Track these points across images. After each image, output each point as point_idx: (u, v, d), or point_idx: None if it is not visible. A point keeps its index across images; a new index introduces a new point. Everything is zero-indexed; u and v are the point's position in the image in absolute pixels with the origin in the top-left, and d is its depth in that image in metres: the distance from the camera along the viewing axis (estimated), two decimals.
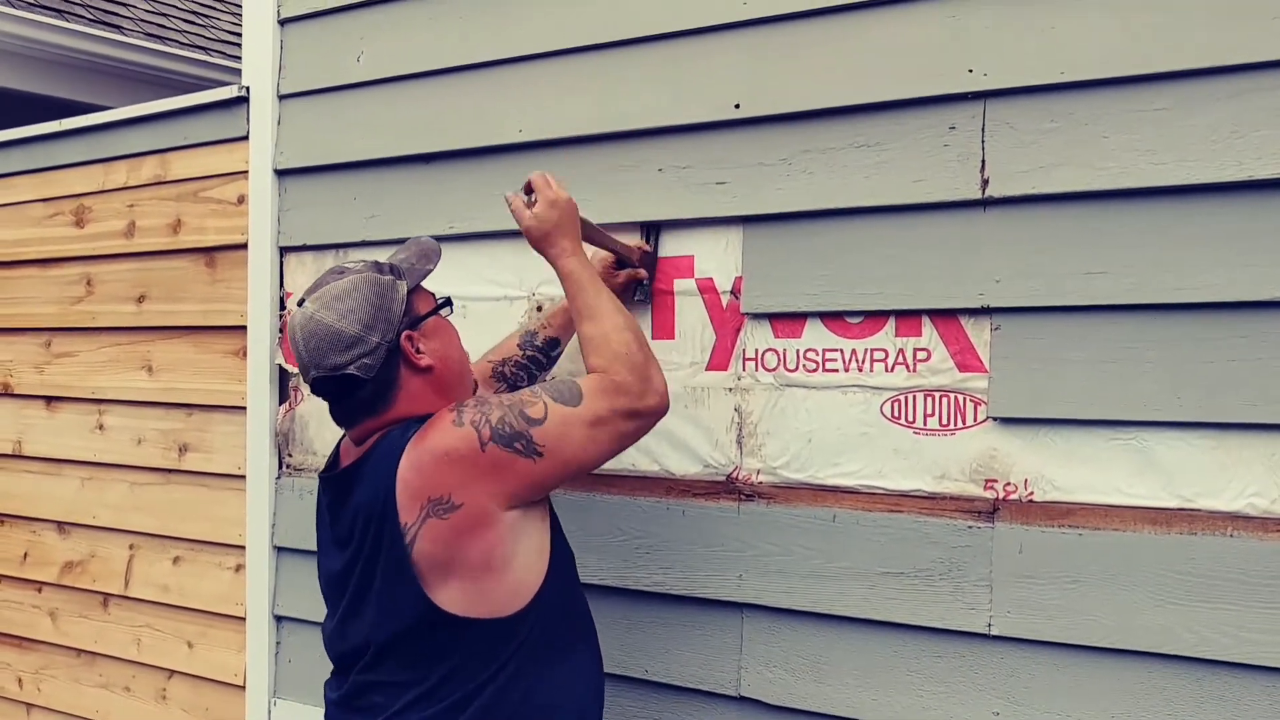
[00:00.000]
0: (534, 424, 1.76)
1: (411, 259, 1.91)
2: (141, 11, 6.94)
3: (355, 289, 1.80)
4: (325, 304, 1.79)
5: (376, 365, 1.79)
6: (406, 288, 1.84)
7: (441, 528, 1.72)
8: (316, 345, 1.79)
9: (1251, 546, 1.76)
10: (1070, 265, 1.88)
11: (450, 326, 1.93)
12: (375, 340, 1.78)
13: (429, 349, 1.85)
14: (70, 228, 3.44)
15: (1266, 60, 1.73)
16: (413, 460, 1.74)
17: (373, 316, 1.78)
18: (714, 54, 2.21)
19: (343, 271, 1.84)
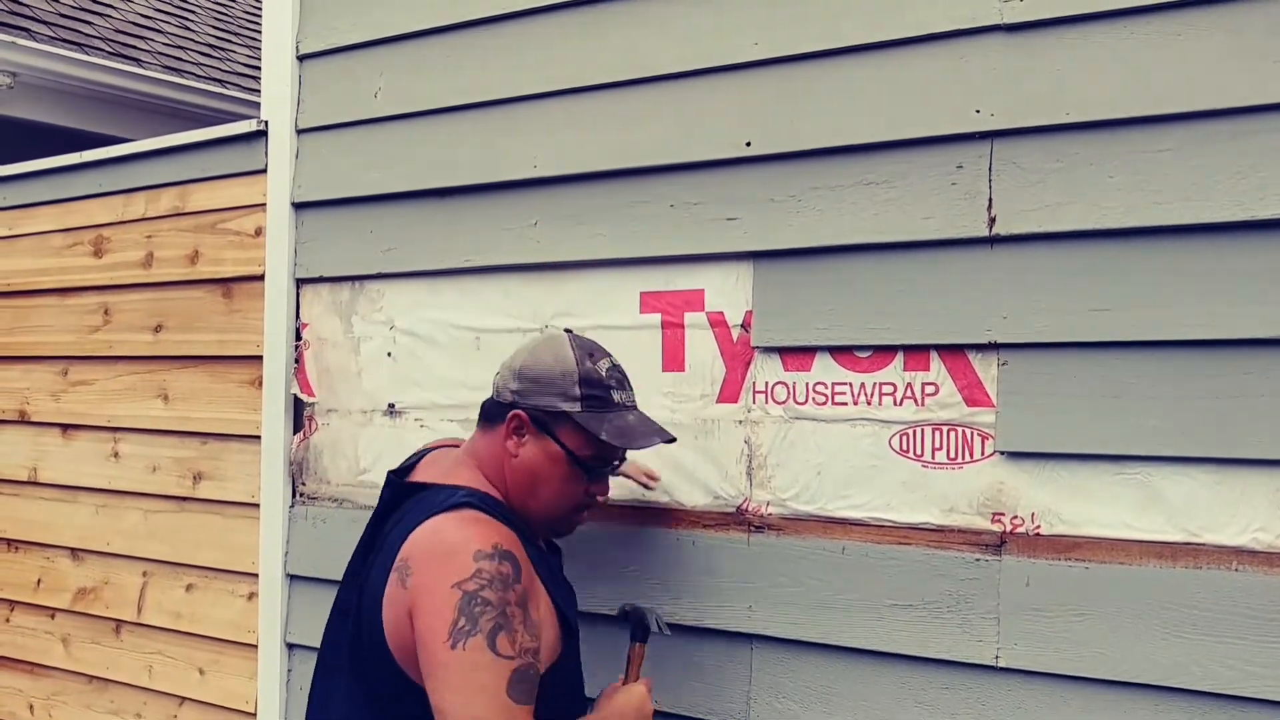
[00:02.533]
0: (489, 641, 1.63)
1: (640, 429, 1.94)
2: (159, 45, 7.03)
3: (558, 356, 1.90)
4: (536, 348, 1.94)
5: (497, 404, 1.92)
6: (574, 408, 1.87)
7: (394, 588, 1.74)
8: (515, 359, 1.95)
9: (1256, 581, 1.78)
10: (1076, 302, 1.91)
11: (566, 472, 1.90)
12: (512, 387, 1.90)
13: (527, 452, 1.89)
14: (89, 257, 3.49)
15: (1267, 103, 1.76)
16: (432, 527, 1.76)
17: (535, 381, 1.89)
18: (726, 93, 2.25)
19: (594, 355, 1.93)
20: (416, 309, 2.71)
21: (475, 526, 1.74)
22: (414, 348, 2.71)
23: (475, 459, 1.92)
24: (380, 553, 1.84)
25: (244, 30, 8.11)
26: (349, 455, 2.84)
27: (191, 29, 7.66)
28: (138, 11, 7.35)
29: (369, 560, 1.89)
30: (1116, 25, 1.88)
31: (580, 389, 1.86)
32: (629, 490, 2.37)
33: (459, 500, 1.79)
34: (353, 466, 2.83)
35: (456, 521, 1.75)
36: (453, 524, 1.74)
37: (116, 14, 7.08)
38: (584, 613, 2.38)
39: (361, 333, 2.81)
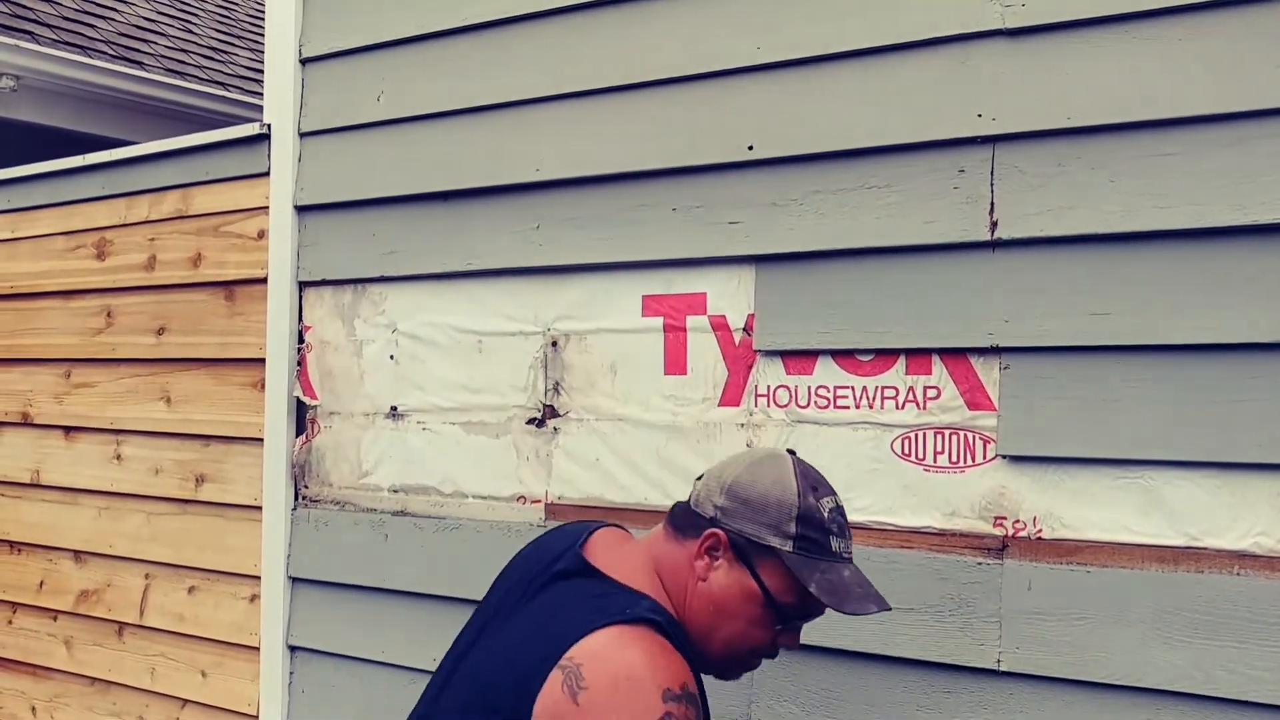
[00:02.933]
0: None
1: (852, 589, 1.61)
2: (162, 48, 7.04)
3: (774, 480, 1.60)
4: (753, 465, 1.63)
5: (694, 514, 1.63)
6: (785, 547, 1.57)
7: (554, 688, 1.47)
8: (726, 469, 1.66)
9: (1258, 585, 1.78)
10: (1078, 306, 1.91)
11: (758, 614, 1.60)
12: (717, 501, 1.61)
13: (718, 579, 1.59)
14: (92, 260, 3.50)
15: (1269, 108, 1.76)
16: (619, 639, 1.48)
17: (746, 504, 1.59)
18: (728, 97, 2.25)
19: (817, 489, 1.62)
20: (419, 312, 2.72)
21: (664, 658, 1.49)
22: (416, 351, 2.72)
23: (656, 565, 1.64)
24: (533, 624, 1.60)
25: (246, 33, 8.13)
26: (351, 458, 2.84)
27: (194, 32, 7.67)
28: (140, 14, 7.36)
29: (512, 622, 1.64)
30: (1118, 30, 1.88)
31: (796, 526, 1.57)
32: (629, 494, 2.37)
33: (644, 615, 1.52)
34: (355, 469, 2.83)
35: (643, 646, 1.48)
36: (640, 649, 1.48)
37: (119, 17, 7.10)
38: None
39: (364, 336, 2.82)
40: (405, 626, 2.70)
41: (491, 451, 2.59)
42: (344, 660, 2.83)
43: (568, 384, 2.48)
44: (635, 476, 2.38)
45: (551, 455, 2.50)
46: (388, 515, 2.75)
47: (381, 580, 2.74)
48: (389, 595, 2.74)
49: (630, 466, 2.39)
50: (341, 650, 2.83)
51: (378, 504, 2.78)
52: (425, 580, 2.66)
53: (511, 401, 2.56)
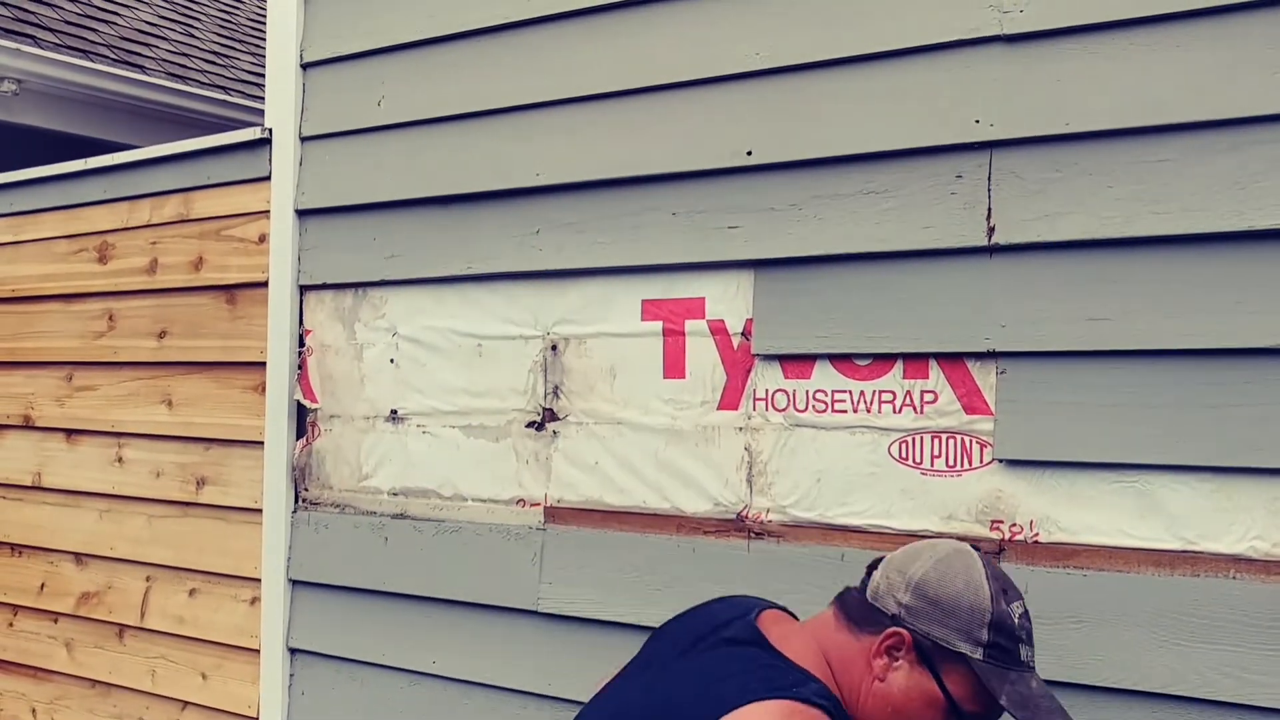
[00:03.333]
0: None
1: (1042, 694, 1.53)
2: (164, 52, 7.06)
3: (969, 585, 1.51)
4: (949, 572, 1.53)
5: (873, 609, 1.54)
6: (976, 655, 1.49)
7: None
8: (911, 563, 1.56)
9: (1253, 589, 1.79)
10: (1075, 311, 1.92)
11: (935, 718, 1.52)
12: (903, 599, 1.52)
13: (897, 681, 1.51)
14: (94, 264, 3.51)
15: (1266, 114, 1.77)
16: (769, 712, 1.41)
17: (937, 605, 1.50)
18: (728, 102, 2.26)
19: (1008, 594, 1.53)
20: (419, 316, 2.73)
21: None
22: (417, 354, 2.73)
23: (825, 652, 1.56)
24: (698, 682, 1.53)
25: (248, 38, 8.14)
26: (351, 461, 2.85)
27: (196, 36, 7.68)
28: (142, 19, 7.38)
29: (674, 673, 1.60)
30: (1116, 36, 1.89)
31: (989, 634, 1.49)
32: (629, 497, 2.38)
33: (812, 698, 1.45)
34: (355, 472, 2.84)
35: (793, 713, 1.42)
36: None
37: (121, 21, 7.11)
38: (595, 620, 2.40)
39: (364, 339, 2.83)
40: (405, 629, 2.71)
41: (491, 455, 2.60)
42: (344, 663, 2.83)
43: (567, 388, 2.49)
44: (634, 480, 2.39)
45: (551, 459, 2.51)
46: (387, 518, 2.76)
47: (381, 583, 2.75)
48: (389, 598, 2.75)
49: (629, 470, 2.40)
50: (341, 653, 2.84)
51: (378, 507, 2.79)
52: (425, 583, 2.67)
53: (511, 405, 2.57)
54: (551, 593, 2.47)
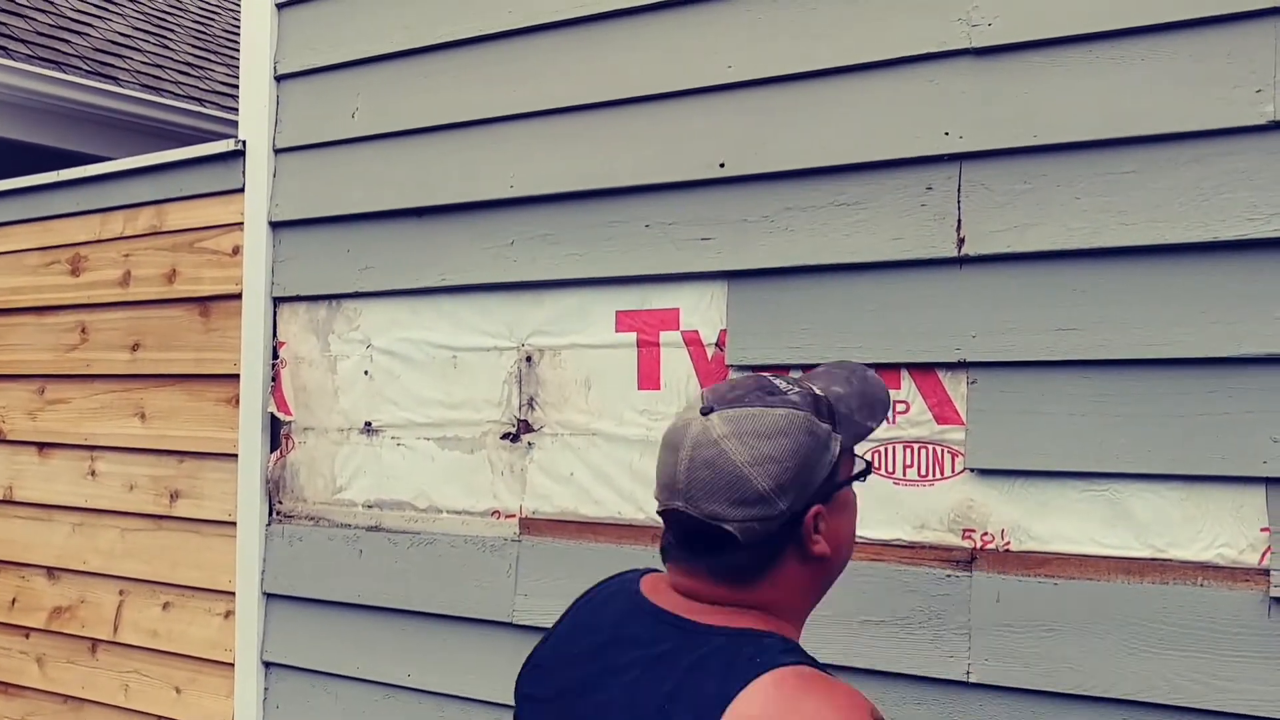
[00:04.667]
0: None
1: (851, 401, 1.41)
2: (138, 63, 7.03)
3: (787, 431, 1.31)
4: (741, 434, 1.30)
5: (764, 534, 1.31)
6: (839, 447, 1.36)
7: None
8: (707, 480, 1.30)
9: (1221, 596, 1.81)
10: (1044, 322, 1.94)
11: (854, 503, 1.44)
12: (781, 507, 1.30)
13: (829, 529, 1.35)
14: (66, 276, 3.49)
15: (1229, 127, 1.80)
16: (780, 694, 1.22)
17: (792, 478, 1.30)
18: (700, 114, 2.28)
19: (773, 393, 1.34)
20: (393, 328, 2.73)
21: (842, 696, 1.25)
22: (391, 367, 2.73)
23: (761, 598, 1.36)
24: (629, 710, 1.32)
25: (223, 49, 8.12)
26: (326, 474, 2.84)
27: (170, 48, 7.66)
28: (116, 30, 7.35)
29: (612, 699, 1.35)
30: (1082, 49, 1.92)
31: (826, 426, 1.35)
32: (604, 508, 2.38)
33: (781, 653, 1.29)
34: (329, 485, 2.83)
35: (814, 690, 1.24)
36: (813, 695, 1.23)
37: (95, 32, 7.08)
38: None
39: (338, 351, 2.82)
40: (380, 642, 2.70)
41: (466, 467, 2.60)
42: (319, 676, 2.82)
43: (542, 399, 2.50)
44: (609, 491, 2.40)
45: (526, 470, 2.51)
46: (362, 531, 2.75)
47: (356, 596, 2.74)
48: (364, 611, 2.74)
49: (604, 481, 2.40)
50: (316, 666, 2.82)
51: (352, 519, 2.78)
52: (400, 596, 2.66)
53: (486, 417, 2.57)
54: (527, 605, 2.47)
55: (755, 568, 1.34)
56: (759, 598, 1.35)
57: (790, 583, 1.36)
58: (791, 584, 1.36)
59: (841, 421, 1.37)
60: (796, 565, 1.35)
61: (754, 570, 1.34)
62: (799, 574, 1.36)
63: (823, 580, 1.41)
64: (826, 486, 1.34)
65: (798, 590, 1.38)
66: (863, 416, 1.41)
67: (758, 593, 1.35)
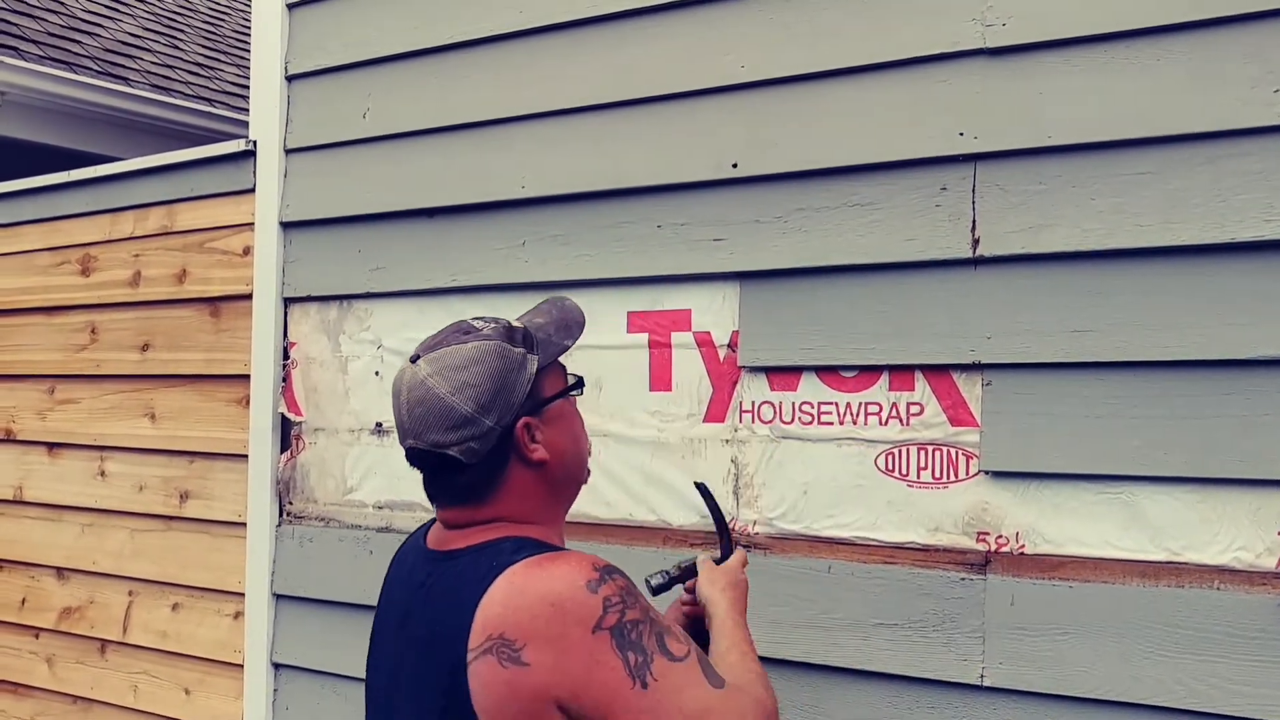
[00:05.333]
0: (664, 653, 1.42)
1: (549, 327, 1.62)
2: (148, 64, 7.04)
3: (479, 359, 1.51)
4: (442, 370, 1.51)
5: (484, 451, 1.51)
6: (536, 365, 1.56)
7: (494, 674, 1.39)
8: (421, 415, 1.51)
9: (1238, 599, 1.79)
10: (1059, 323, 1.93)
11: (574, 413, 1.63)
12: (489, 424, 1.50)
13: (547, 438, 1.55)
14: (76, 276, 3.49)
15: (1244, 127, 1.79)
16: (513, 585, 1.42)
17: (491, 397, 1.50)
18: (713, 115, 2.27)
19: (468, 332, 1.56)
20: (404, 328, 2.72)
21: (561, 564, 1.44)
22: None
23: (499, 511, 1.55)
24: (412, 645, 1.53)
25: (233, 49, 8.13)
26: (336, 474, 2.84)
27: (180, 48, 7.67)
28: (127, 31, 7.36)
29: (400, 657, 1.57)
30: (1097, 49, 1.91)
31: (520, 350, 1.55)
32: (615, 510, 2.38)
33: (513, 553, 1.47)
34: (340, 486, 2.83)
35: (537, 571, 1.43)
36: (536, 575, 1.42)
37: (105, 33, 7.10)
38: None
39: (349, 352, 2.82)
40: None
41: None
42: (328, 678, 2.82)
43: None
44: (620, 493, 2.39)
45: None
46: (372, 532, 2.75)
47: (366, 597, 2.73)
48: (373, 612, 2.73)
49: (615, 482, 2.40)
50: (326, 668, 2.82)
51: (362, 520, 2.78)
52: None
53: None
54: None
55: (485, 482, 1.54)
56: (499, 510, 1.55)
57: (523, 490, 1.55)
58: (524, 491, 1.55)
59: (540, 344, 1.58)
60: (523, 473, 1.55)
61: (485, 485, 1.54)
62: (528, 481, 1.55)
63: (552, 485, 1.58)
64: (531, 402, 1.54)
65: (532, 496, 1.56)
66: (559, 337, 1.62)
67: (497, 505, 1.54)
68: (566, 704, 1.38)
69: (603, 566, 1.46)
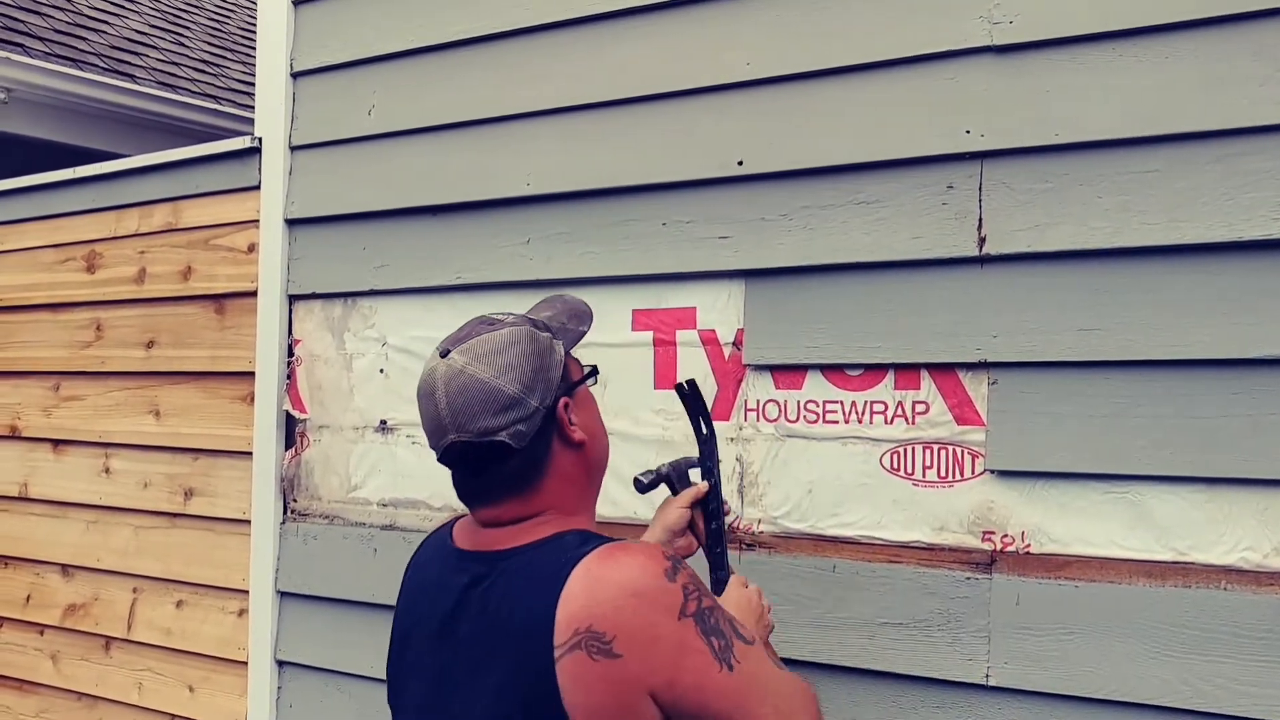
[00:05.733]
0: (740, 638, 1.47)
1: (561, 317, 1.66)
2: (154, 61, 7.04)
3: (514, 343, 1.53)
4: (479, 357, 1.51)
5: (531, 433, 1.51)
6: (563, 349, 1.59)
7: (584, 668, 1.39)
8: (465, 404, 1.49)
9: (1245, 600, 1.79)
10: (1065, 322, 1.92)
11: (594, 399, 1.66)
12: (534, 404, 1.50)
13: (580, 421, 1.58)
14: (81, 273, 3.49)
15: (1253, 125, 1.78)
16: (592, 577, 1.41)
17: (533, 376, 1.51)
18: (718, 112, 2.26)
19: (494, 323, 1.57)
20: (409, 326, 2.72)
21: (636, 554, 1.45)
22: (406, 364, 2.72)
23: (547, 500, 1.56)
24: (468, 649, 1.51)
25: (238, 47, 8.13)
26: (341, 472, 2.84)
27: (186, 45, 7.67)
28: (132, 28, 7.37)
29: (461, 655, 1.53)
30: (1105, 47, 1.90)
31: (554, 338, 1.59)
32: (620, 508, 2.37)
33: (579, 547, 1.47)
34: (344, 483, 2.83)
35: (612, 563, 1.43)
36: (613, 567, 1.43)
37: (111, 30, 7.10)
38: None
39: (354, 349, 2.82)
40: None
41: None
42: (332, 675, 2.82)
43: None
44: (626, 491, 2.38)
45: None
46: (376, 529, 2.74)
47: (370, 595, 2.73)
48: (378, 610, 2.73)
49: (621, 481, 2.39)
50: (330, 665, 2.82)
51: (367, 518, 2.78)
52: None
53: None
54: None
55: (533, 468, 1.53)
56: (546, 500, 1.54)
57: (567, 474, 1.56)
58: (568, 475, 1.56)
59: (557, 331, 1.60)
60: (566, 456, 1.56)
61: (533, 470, 1.53)
62: (571, 464, 1.56)
63: (589, 469, 1.61)
64: (564, 383, 1.56)
65: (575, 481, 1.58)
66: (574, 324, 1.66)
67: (544, 494, 1.54)
68: (659, 692, 1.40)
69: (670, 555, 1.48)
